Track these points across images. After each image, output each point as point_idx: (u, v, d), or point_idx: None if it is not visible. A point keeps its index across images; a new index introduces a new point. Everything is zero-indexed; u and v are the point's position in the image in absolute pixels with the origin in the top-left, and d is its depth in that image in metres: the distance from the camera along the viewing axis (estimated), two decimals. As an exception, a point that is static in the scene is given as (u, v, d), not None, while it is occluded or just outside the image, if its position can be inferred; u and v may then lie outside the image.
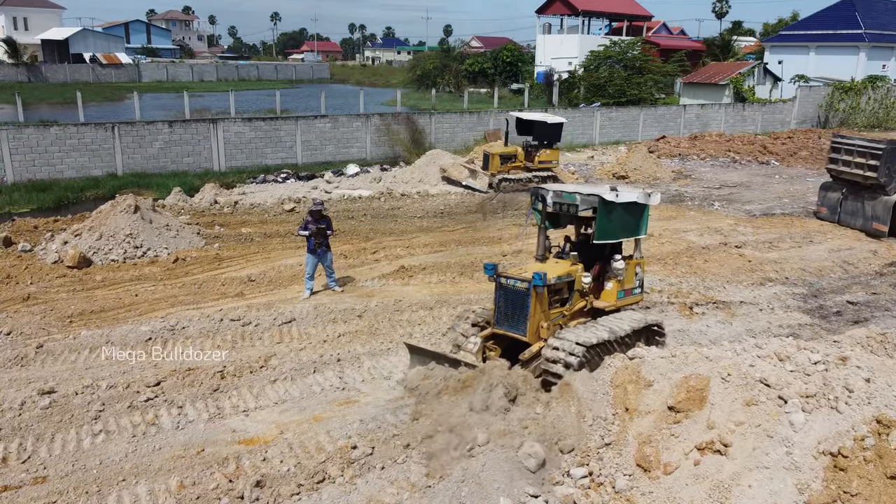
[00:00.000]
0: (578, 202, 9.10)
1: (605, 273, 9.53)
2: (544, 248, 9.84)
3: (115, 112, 47.36)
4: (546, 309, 8.78)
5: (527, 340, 8.63)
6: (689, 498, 6.23)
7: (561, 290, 9.08)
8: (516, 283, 8.65)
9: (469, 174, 22.43)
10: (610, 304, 9.45)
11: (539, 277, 8.40)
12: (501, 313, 8.87)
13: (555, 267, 9.21)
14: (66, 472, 7.02)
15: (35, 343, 10.06)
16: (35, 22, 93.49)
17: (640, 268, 9.90)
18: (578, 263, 9.31)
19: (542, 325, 8.71)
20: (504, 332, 8.86)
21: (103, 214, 14.99)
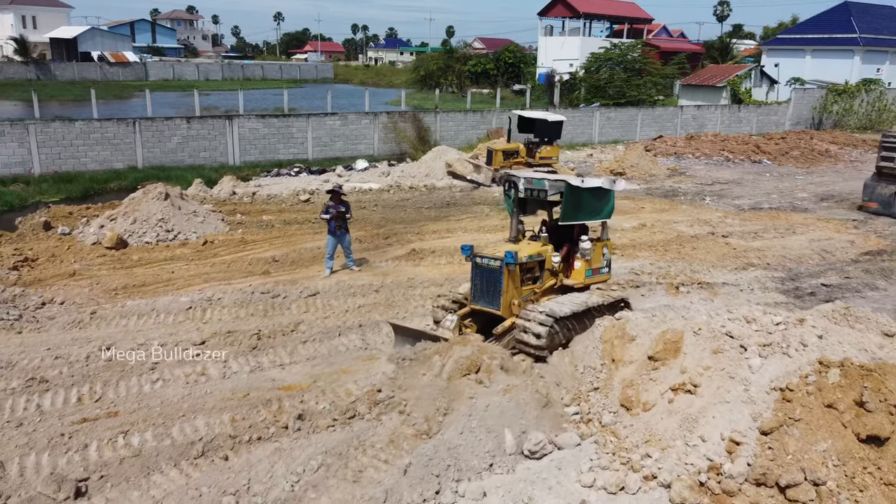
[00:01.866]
0: (547, 188, 9.90)
1: (573, 253, 10.36)
2: (517, 230, 10.61)
3: (124, 110, 48.52)
4: (518, 286, 9.57)
5: (500, 314, 9.42)
6: (663, 428, 7.41)
7: (532, 268, 9.92)
8: (490, 261, 9.41)
9: (473, 169, 23.63)
10: (578, 282, 10.28)
11: (510, 256, 9.18)
12: (477, 290, 9.65)
13: (527, 247, 10.01)
14: (133, 409, 8.22)
15: (89, 310, 11.28)
16: (43, 20, 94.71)
17: (607, 249, 10.76)
18: (549, 244, 10.16)
19: (514, 301, 9.46)
20: (480, 308, 9.63)
21: (136, 201, 16.20)
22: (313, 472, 6.92)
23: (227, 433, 7.68)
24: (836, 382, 6.95)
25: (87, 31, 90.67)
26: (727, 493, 6.63)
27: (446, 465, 6.97)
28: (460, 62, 68.59)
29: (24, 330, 10.54)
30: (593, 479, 6.97)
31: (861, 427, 6.71)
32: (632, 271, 14.14)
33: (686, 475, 6.84)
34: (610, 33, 69.51)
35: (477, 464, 7.09)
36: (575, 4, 63.37)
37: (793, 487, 6.51)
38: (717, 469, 6.81)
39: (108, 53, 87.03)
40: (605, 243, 10.75)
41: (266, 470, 6.93)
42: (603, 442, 7.53)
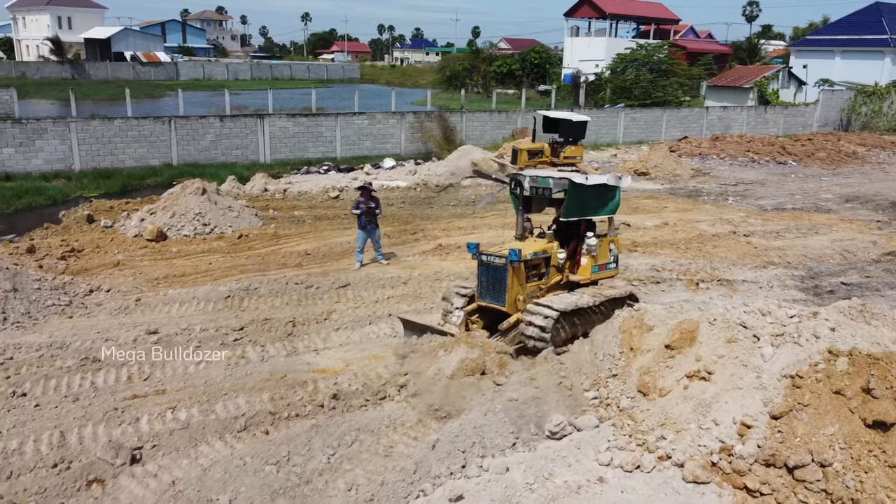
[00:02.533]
0: (552, 185, 10.00)
1: (580, 250, 10.45)
2: (523, 228, 10.76)
3: (156, 109, 49.56)
4: (523, 282, 9.73)
5: (506, 311, 9.57)
6: (678, 413, 7.80)
7: (538, 265, 10.06)
8: (495, 259, 9.57)
9: (498, 168, 24.07)
10: (585, 278, 10.39)
11: (514, 253, 9.34)
12: (483, 287, 9.81)
13: (532, 244, 10.16)
14: (179, 388, 8.81)
15: (133, 297, 11.93)
16: (78, 21, 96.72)
17: (614, 245, 10.84)
18: (554, 241, 10.29)
19: (519, 297, 9.62)
20: (487, 305, 9.80)
21: (174, 196, 16.91)
22: (348, 447, 7.44)
23: (266, 410, 8.23)
24: (844, 370, 7.29)
25: (120, 32, 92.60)
26: (738, 473, 7.01)
27: (472, 442, 7.44)
28: (486, 63, 68.93)
29: (74, 315, 11.22)
30: (610, 459, 7.39)
31: (867, 413, 7.04)
32: (653, 268, 14.48)
33: (699, 456, 7.23)
34: (636, 34, 69.40)
35: (500, 442, 7.55)
36: (601, 5, 63.39)
37: (800, 468, 6.86)
38: (728, 450, 7.18)
39: (141, 53, 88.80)
40: (613, 239, 10.86)
41: (304, 443, 7.46)
42: (620, 425, 7.94)
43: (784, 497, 6.79)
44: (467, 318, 9.80)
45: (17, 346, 9.77)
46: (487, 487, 6.86)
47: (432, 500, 6.63)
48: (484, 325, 9.89)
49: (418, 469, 7.00)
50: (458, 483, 6.88)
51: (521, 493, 6.80)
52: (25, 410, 8.20)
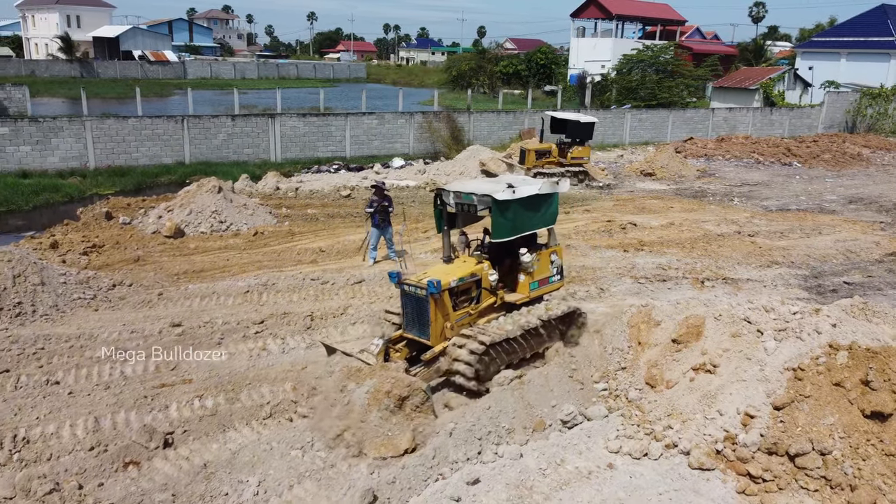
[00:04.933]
0: (476, 202, 9.05)
1: (516, 267, 9.66)
2: (450, 248, 9.85)
3: (164, 107, 49.97)
4: (448, 312, 8.85)
5: (430, 344, 8.78)
6: (684, 404, 8.14)
7: (468, 289, 9.20)
8: (416, 289, 8.66)
9: (507, 168, 24.38)
10: (522, 297, 9.58)
11: (433, 285, 8.43)
12: (408, 318, 8.99)
13: (458, 269, 9.24)
14: (205, 377, 9.19)
15: (156, 292, 12.32)
16: (87, 20, 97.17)
17: (556, 255, 10.06)
18: (485, 261, 9.44)
19: (447, 325, 8.84)
20: (411, 337, 8.99)
21: (191, 194, 17.29)
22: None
23: (289, 399, 8.60)
24: (843, 363, 7.62)
25: (128, 31, 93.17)
26: (741, 460, 7.35)
27: (487, 430, 7.80)
28: (492, 63, 69.21)
29: (99, 308, 11.61)
30: (619, 446, 7.74)
31: (866, 404, 7.37)
32: (659, 266, 14.80)
33: (704, 444, 7.57)
34: (642, 35, 69.56)
35: (516, 430, 7.90)
36: (607, 6, 63.61)
37: (801, 456, 7.20)
38: (732, 439, 7.52)
39: (149, 52, 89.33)
40: (554, 249, 10.07)
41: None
42: (629, 415, 8.29)
43: (785, 483, 7.13)
44: (389, 347, 9.01)
45: (47, 338, 10.16)
46: (503, 472, 7.22)
47: (450, 483, 6.99)
48: (411, 353, 9.11)
49: (437, 454, 7.36)
50: (474, 467, 7.25)
51: (534, 478, 7.16)
52: (60, 397, 8.59)
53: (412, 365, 8.92)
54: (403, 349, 9.10)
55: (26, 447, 7.49)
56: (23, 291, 11.12)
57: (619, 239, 16.89)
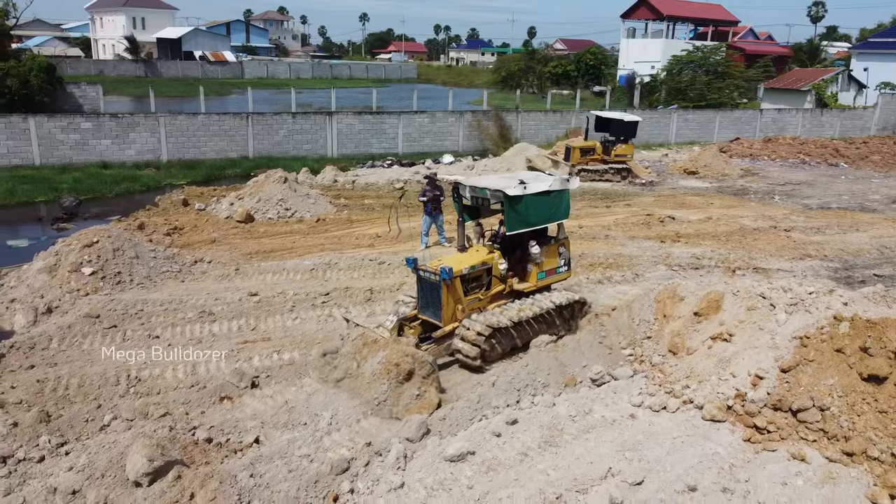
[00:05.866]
0: (489, 196, 9.77)
1: (526, 258, 10.42)
2: (464, 238, 10.61)
3: (223, 105, 52.23)
4: (459, 297, 9.66)
5: (442, 325, 9.62)
6: (702, 368, 9.15)
7: (479, 276, 9.99)
8: (430, 275, 9.50)
9: (552, 165, 25.39)
10: (529, 286, 10.37)
11: (445, 271, 9.26)
12: (423, 301, 9.86)
13: (470, 257, 10.03)
14: (280, 336, 10.61)
15: (233, 268, 13.85)
16: (151, 21, 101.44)
17: (564, 248, 10.79)
18: (496, 251, 10.19)
19: (458, 308, 9.67)
20: (425, 318, 9.85)
21: (259, 184, 18.89)
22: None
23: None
24: (845, 332, 8.53)
25: (190, 32, 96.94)
26: (749, 414, 8.34)
27: (525, 383, 8.97)
28: (541, 63, 70.00)
29: (185, 279, 13.19)
30: (641, 401, 8.81)
31: (864, 368, 8.27)
32: (693, 256, 15.70)
33: (717, 400, 8.58)
34: (694, 36, 69.36)
35: (550, 385, 9.05)
36: (658, 7, 63.76)
37: (803, 411, 8.15)
38: (742, 396, 8.52)
39: (209, 53, 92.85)
40: (562, 242, 10.78)
41: (387, 379, 9.10)
42: (651, 376, 9.35)
43: (787, 434, 8.10)
44: (404, 324, 9.88)
45: (144, 301, 11.73)
46: (537, 416, 8.38)
47: (492, 423, 8.18)
48: (424, 332, 9.93)
49: (481, 400, 8.58)
50: (513, 412, 8.42)
51: (564, 422, 8.29)
52: (161, 349, 10.10)
53: (424, 343, 9.75)
54: (417, 327, 9.96)
55: (139, 384, 9.00)
56: (121, 263, 12.75)
57: (657, 231, 17.81)
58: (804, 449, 7.91)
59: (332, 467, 7.17)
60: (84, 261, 12.47)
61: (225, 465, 7.00)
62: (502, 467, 7.47)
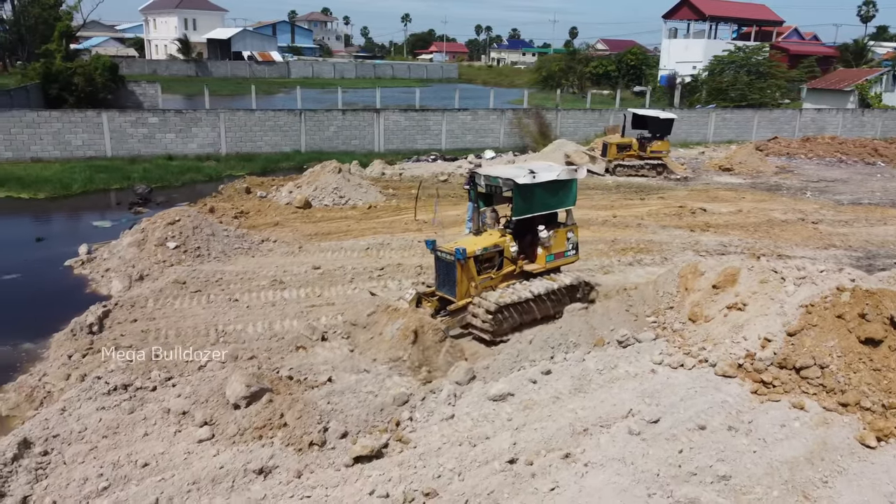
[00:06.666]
0: (501, 184, 10.55)
1: (535, 241, 11.20)
2: (479, 223, 11.38)
3: (270, 104, 54.12)
4: (473, 275, 10.55)
5: (456, 301, 10.57)
6: (717, 333, 10.28)
7: (491, 258, 10.84)
8: (446, 255, 10.43)
9: (589, 160, 26.50)
10: (538, 268, 11.14)
11: (459, 252, 10.15)
12: (440, 279, 10.83)
13: (484, 240, 10.87)
14: (343, 302, 12.03)
15: (296, 246, 15.38)
16: (202, 23, 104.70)
17: (572, 233, 11.56)
18: (508, 235, 11.02)
19: (471, 285, 10.59)
20: (442, 295, 10.85)
21: (316, 174, 20.46)
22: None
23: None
24: (846, 301, 9.59)
25: (238, 33, 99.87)
26: (756, 371, 9.46)
27: (559, 342, 10.24)
28: (582, 63, 70.66)
29: (255, 255, 14.75)
30: (661, 360, 9.98)
31: (861, 332, 9.32)
32: (720, 244, 16.70)
33: (729, 359, 9.71)
34: (737, 36, 69.20)
35: (581, 344, 10.29)
36: (701, 7, 63.89)
37: (805, 369, 9.25)
38: (751, 356, 9.64)
39: (257, 53, 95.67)
40: (571, 228, 11.54)
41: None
42: (672, 340, 10.51)
43: (790, 388, 9.20)
44: (423, 298, 10.97)
45: (222, 272, 13.30)
46: (568, 368, 9.63)
47: (529, 372, 9.47)
48: (439, 306, 10.91)
49: (520, 354, 9.87)
50: (547, 364, 9.70)
51: (592, 374, 9.53)
52: (241, 309, 11.65)
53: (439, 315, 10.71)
54: (434, 302, 10.98)
55: (225, 336, 10.52)
56: (200, 239, 14.37)
57: (688, 221, 18.82)
58: (804, 400, 9.01)
59: (395, 399, 8.54)
60: (168, 236, 14.13)
61: (306, 395, 8.41)
62: (537, 406, 8.76)
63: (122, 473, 7.14)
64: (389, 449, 7.77)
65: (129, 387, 8.73)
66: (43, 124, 26.34)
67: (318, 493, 6.90)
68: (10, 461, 7.16)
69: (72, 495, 6.86)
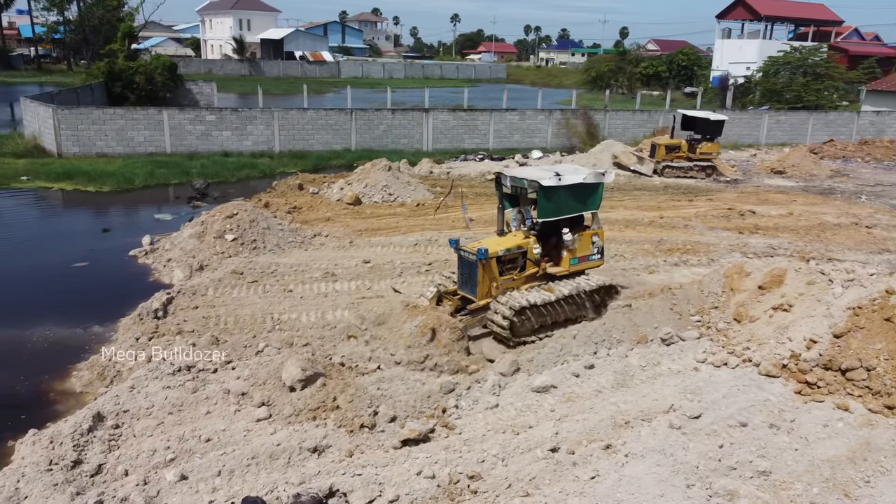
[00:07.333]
0: (526, 186, 10.52)
1: (560, 244, 11.14)
2: (503, 223, 11.47)
3: (321, 103, 55.12)
4: (494, 276, 10.55)
5: (476, 300, 10.61)
6: (762, 333, 10.33)
7: (514, 259, 10.83)
8: (468, 254, 10.46)
9: (637, 161, 26.43)
10: (562, 270, 11.11)
11: (481, 252, 10.18)
12: (462, 278, 10.87)
13: (507, 241, 10.90)
14: (391, 295, 12.41)
15: (347, 241, 15.88)
16: (256, 23, 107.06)
17: (597, 237, 11.47)
18: (532, 236, 10.97)
19: (492, 285, 10.60)
20: (463, 294, 10.88)
21: (366, 171, 20.97)
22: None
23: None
24: (895, 304, 9.54)
25: (291, 33, 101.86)
26: (801, 372, 9.49)
27: (602, 338, 10.42)
28: (632, 64, 69.98)
29: (308, 249, 15.29)
30: (705, 358, 10.09)
31: (910, 336, 9.27)
32: (769, 246, 16.56)
33: (773, 359, 9.76)
34: (793, 36, 67.57)
35: (624, 341, 10.46)
36: (756, 7, 62.61)
37: (851, 371, 9.25)
38: (796, 357, 9.67)
39: (308, 53, 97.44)
40: (596, 232, 11.46)
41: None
42: (716, 339, 10.60)
43: (835, 389, 9.21)
44: (444, 296, 11.11)
45: (276, 264, 13.85)
46: (611, 364, 9.84)
47: (572, 366, 9.70)
48: (460, 305, 10.98)
49: (563, 349, 10.10)
50: (590, 359, 9.91)
51: (634, 370, 9.71)
52: (295, 299, 12.17)
53: (458, 314, 10.83)
54: (455, 301, 11.05)
55: (280, 324, 11.02)
56: (256, 232, 14.98)
57: (736, 223, 18.69)
58: (849, 402, 9.02)
59: (441, 387, 8.88)
60: (226, 229, 14.78)
61: (357, 380, 8.82)
62: (580, 399, 9.00)
63: (187, 447, 7.65)
64: (436, 434, 8.11)
65: (192, 368, 9.29)
66: (107, 121, 27.56)
67: (369, 472, 7.27)
68: (86, 432, 7.74)
69: (141, 465, 7.39)
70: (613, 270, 14.32)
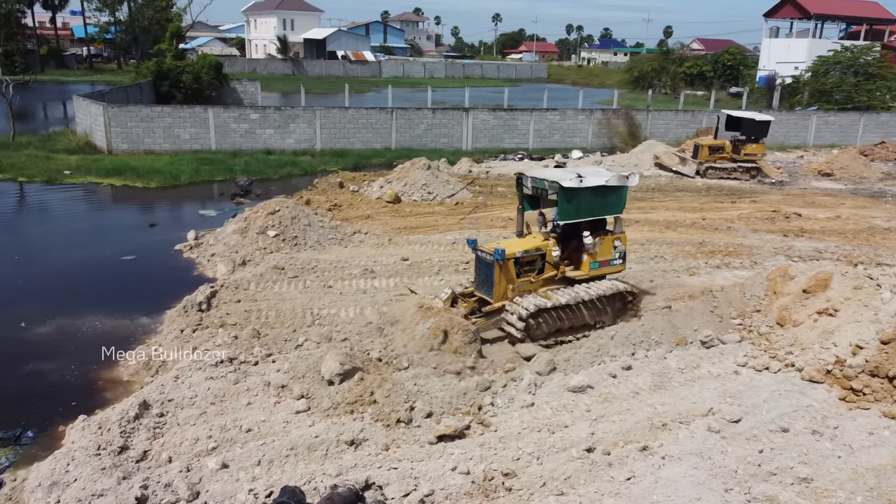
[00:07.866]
0: (547, 187, 10.36)
1: (580, 247, 10.90)
2: (522, 225, 11.32)
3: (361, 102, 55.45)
4: (511, 277, 10.39)
5: (492, 302, 10.45)
6: (805, 337, 10.12)
7: (533, 261, 10.64)
8: (486, 255, 10.32)
9: (679, 161, 26.06)
10: (581, 274, 10.85)
11: (498, 253, 10.04)
12: (479, 279, 10.72)
13: (526, 242, 10.76)
14: (427, 293, 12.50)
15: (386, 238, 16.03)
16: (300, 23, 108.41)
17: (619, 242, 11.16)
18: (551, 239, 10.75)
19: (509, 287, 10.42)
20: (480, 296, 10.71)
21: (405, 170, 21.13)
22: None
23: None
24: (946, 310, 9.26)
25: (333, 33, 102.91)
26: (846, 378, 9.28)
27: (640, 340, 10.34)
28: (676, 63, 68.90)
29: (347, 246, 15.49)
30: (746, 362, 9.93)
31: (962, 343, 8.98)
32: (815, 250, 16.19)
33: (817, 364, 9.56)
34: (844, 35, 65.68)
35: (662, 343, 10.36)
36: (806, 5, 61.04)
37: (898, 378, 9.00)
38: (841, 362, 9.45)
39: (350, 52, 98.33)
40: (618, 236, 11.18)
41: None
42: (758, 343, 10.42)
43: (881, 397, 8.98)
44: (459, 298, 10.90)
45: (317, 260, 14.08)
46: (649, 365, 9.75)
47: (609, 367, 9.65)
48: (477, 307, 10.80)
49: (601, 349, 10.06)
50: (628, 360, 9.84)
51: (673, 372, 9.61)
52: (334, 295, 12.35)
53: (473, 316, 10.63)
54: (471, 303, 10.85)
55: (320, 319, 11.21)
56: (297, 229, 15.24)
57: (781, 226, 18.31)
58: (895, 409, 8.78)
59: (478, 384, 8.93)
60: (269, 225, 15.06)
61: (394, 376, 8.93)
62: (616, 400, 8.95)
63: (228, 436, 7.85)
64: (471, 430, 8.16)
65: (234, 360, 9.50)
66: (155, 119, 28.29)
67: (404, 466, 7.36)
68: (132, 419, 8.00)
69: (185, 452, 7.61)
70: (654, 272, 14.21)
